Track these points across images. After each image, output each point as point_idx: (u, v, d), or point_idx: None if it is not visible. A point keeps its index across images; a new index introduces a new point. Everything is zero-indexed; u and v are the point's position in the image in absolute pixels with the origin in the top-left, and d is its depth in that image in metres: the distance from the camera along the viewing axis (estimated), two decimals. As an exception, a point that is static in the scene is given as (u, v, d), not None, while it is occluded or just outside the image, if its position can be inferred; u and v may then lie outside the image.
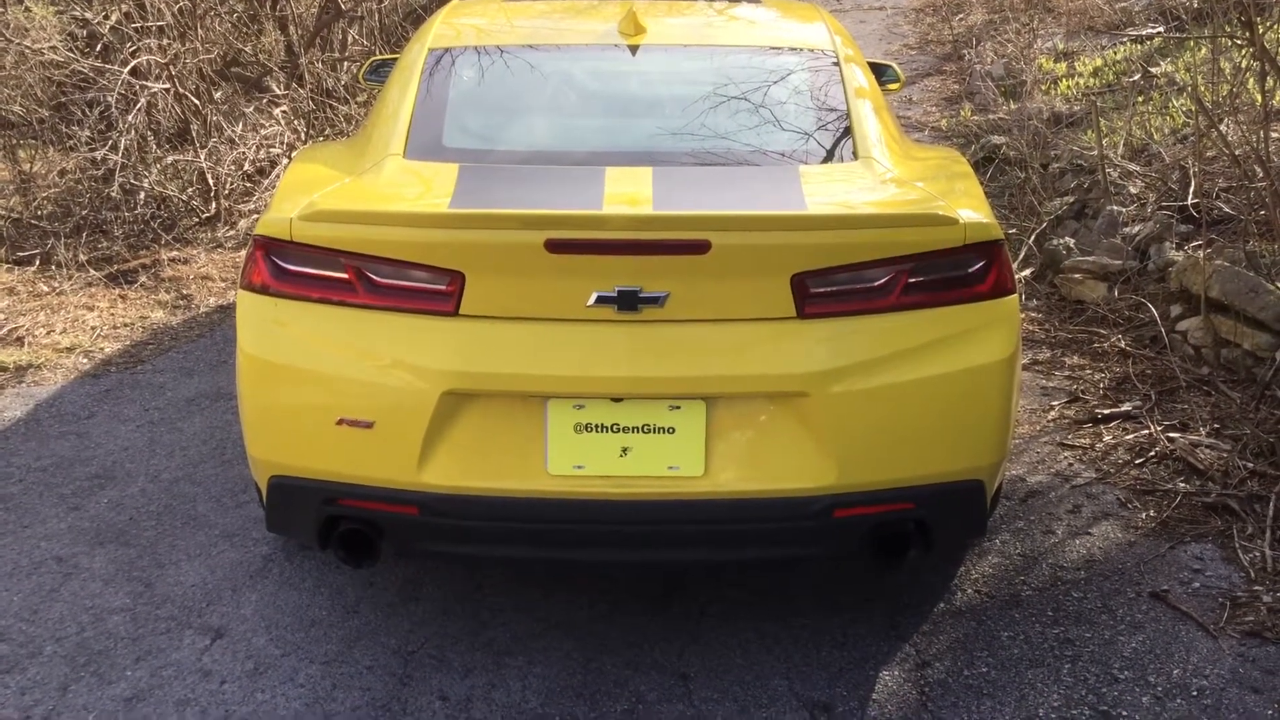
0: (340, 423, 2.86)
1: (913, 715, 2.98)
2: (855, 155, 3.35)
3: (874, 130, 3.45)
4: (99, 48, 7.81)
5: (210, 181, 7.64)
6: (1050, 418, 4.73)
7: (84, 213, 7.19)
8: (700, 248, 2.73)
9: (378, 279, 2.85)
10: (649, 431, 2.83)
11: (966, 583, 3.57)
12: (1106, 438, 4.50)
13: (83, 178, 7.39)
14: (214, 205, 7.60)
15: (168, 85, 7.64)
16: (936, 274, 2.89)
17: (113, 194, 7.23)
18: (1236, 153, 5.60)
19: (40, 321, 5.83)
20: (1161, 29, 9.19)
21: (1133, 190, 6.53)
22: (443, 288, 2.82)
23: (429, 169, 3.22)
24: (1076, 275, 6.08)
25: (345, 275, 2.87)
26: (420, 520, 2.92)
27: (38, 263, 6.64)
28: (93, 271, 6.54)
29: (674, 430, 2.83)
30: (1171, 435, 4.39)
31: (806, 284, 2.81)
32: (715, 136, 3.40)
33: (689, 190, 3.02)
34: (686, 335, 2.81)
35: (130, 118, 7.32)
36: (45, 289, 6.31)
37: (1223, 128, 5.88)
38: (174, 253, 6.97)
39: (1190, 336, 5.15)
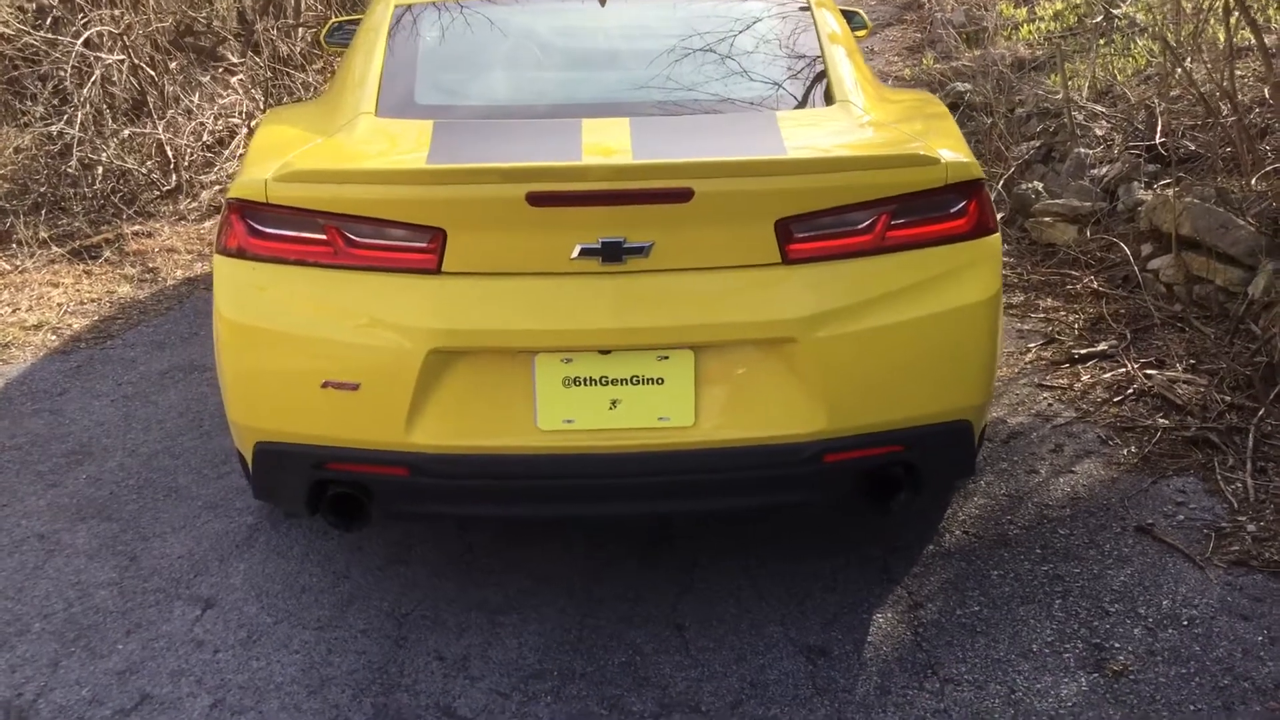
0: (326, 385, 2.83)
1: (908, 655, 3.00)
2: (831, 100, 3.33)
3: (849, 74, 3.43)
4: (49, 21, 7.66)
5: (169, 153, 7.53)
6: (1028, 359, 4.76)
7: (42, 189, 7.06)
8: (683, 196, 2.71)
9: (357, 238, 2.81)
10: (638, 383, 2.82)
11: (954, 524, 3.59)
12: (1084, 377, 4.53)
13: (39, 154, 7.25)
14: (174, 177, 7.49)
15: (122, 57, 7.51)
16: (919, 215, 2.88)
17: (70, 169, 7.10)
18: (1203, 90, 5.63)
19: (4, 300, 5.74)
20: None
21: (1099, 132, 6.55)
22: (424, 245, 2.78)
23: (402, 126, 3.17)
24: (1046, 219, 6.10)
25: (323, 236, 2.83)
26: (410, 481, 2.89)
27: (-3, 241, 6.53)
28: (55, 248, 6.44)
29: (663, 381, 2.82)
30: (1148, 372, 4.42)
31: (790, 229, 2.80)
32: (690, 86, 3.37)
33: (668, 139, 2.99)
34: (672, 284, 2.79)
35: (85, 91, 7.19)
36: (7, 267, 6.21)
37: (1187, 64, 5.91)
38: (136, 226, 6.87)
39: (1162, 274, 5.18)
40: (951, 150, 2.98)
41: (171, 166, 7.52)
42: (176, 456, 4.19)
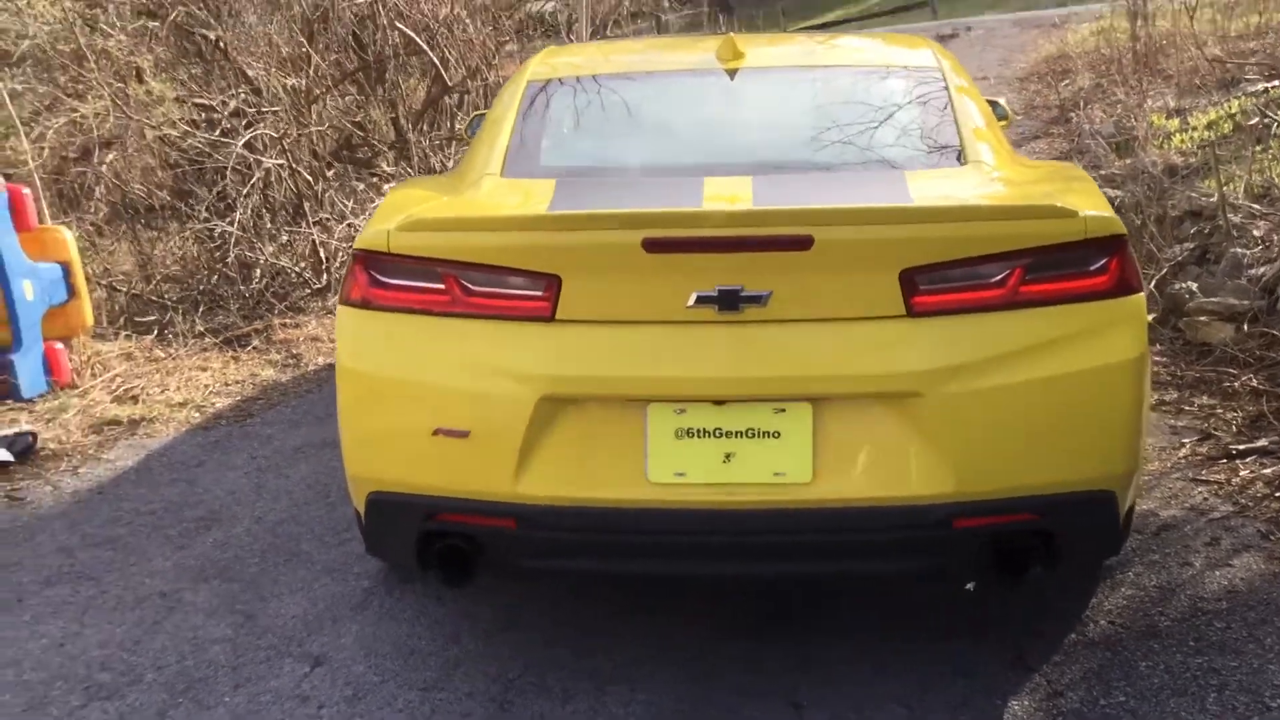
0: (437, 433, 2.81)
1: (1045, 743, 2.77)
2: (963, 161, 3.24)
3: (982, 138, 3.34)
4: (217, 131, 8.08)
5: (322, 254, 7.79)
6: (1181, 454, 4.48)
7: (201, 286, 7.37)
8: (803, 243, 2.63)
9: (474, 286, 2.81)
10: (753, 436, 2.72)
11: (1098, 614, 3.34)
12: (1243, 472, 4.23)
13: (201, 251, 7.58)
14: (325, 276, 7.73)
15: (281, 161, 7.85)
16: (1055, 270, 2.74)
17: (228, 269, 7.40)
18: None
19: (155, 382, 5.94)
20: (1276, 82, 8.93)
21: (1256, 233, 6.27)
22: (539, 293, 2.76)
23: (526, 184, 3.20)
24: (1201, 318, 5.82)
25: (442, 285, 2.83)
26: (517, 534, 2.83)
27: (156, 331, 6.79)
28: (208, 339, 6.67)
29: (779, 435, 2.71)
30: (1315, 467, 4.12)
31: (915, 280, 2.69)
32: (817, 147, 3.33)
33: (790, 190, 2.94)
34: (790, 335, 2.70)
35: (245, 191, 7.53)
36: (161, 354, 6.44)
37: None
38: (285, 319, 7.09)
39: (1330, 372, 4.86)
40: (1093, 207, 2.85)
41: (323, 266, 7.77)
42: (301, 524, 4.21)
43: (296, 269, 7.70)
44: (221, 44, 8.40)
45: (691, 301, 2.69)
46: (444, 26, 9.18)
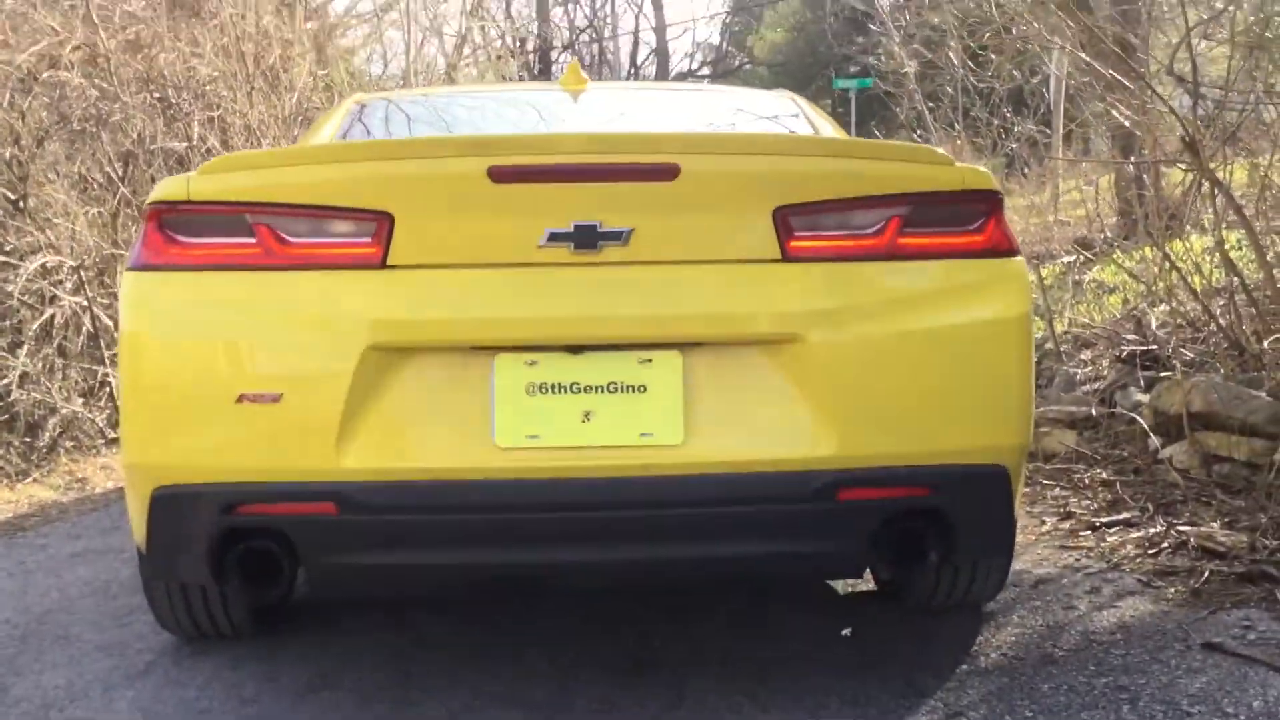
0: (241, 400, 2.37)
1: (953, 756, 2.40)
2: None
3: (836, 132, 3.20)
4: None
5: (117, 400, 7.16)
6: (1044, 530, 4.29)
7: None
8: (668, 172, 2.38)
9: (290, 234, 2.43)
10: (616, 391, 2.38)
11: (987, 648, 3.03)
12: (1110, 539, 4.05)
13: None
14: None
15: (79, 298, 7.29)
16: (934, 224, 2.55)
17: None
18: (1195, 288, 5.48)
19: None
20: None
21: (1084, 356, 6.37)
22: (368, 236, 2.41)
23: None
24: (1042, 428, 5.76)
25: (253, 238, 2.44)
26: (337, 521, 2.38)
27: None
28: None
29: (645, 389, 2.38)
30: (1181, 528, 3.96)
31: (790, 221, 2.45)
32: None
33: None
34: (655, 276, 2.41)
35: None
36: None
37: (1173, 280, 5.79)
38: (74, 458, 6.40)
39: (1175, 461, 4.80)
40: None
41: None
42: (73, 614, 3.58)
43: (89, 415, 7.03)
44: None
45: (544, 240, 2.38)
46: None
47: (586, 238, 2.37)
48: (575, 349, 2.37)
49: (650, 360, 2.38)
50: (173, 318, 2.47)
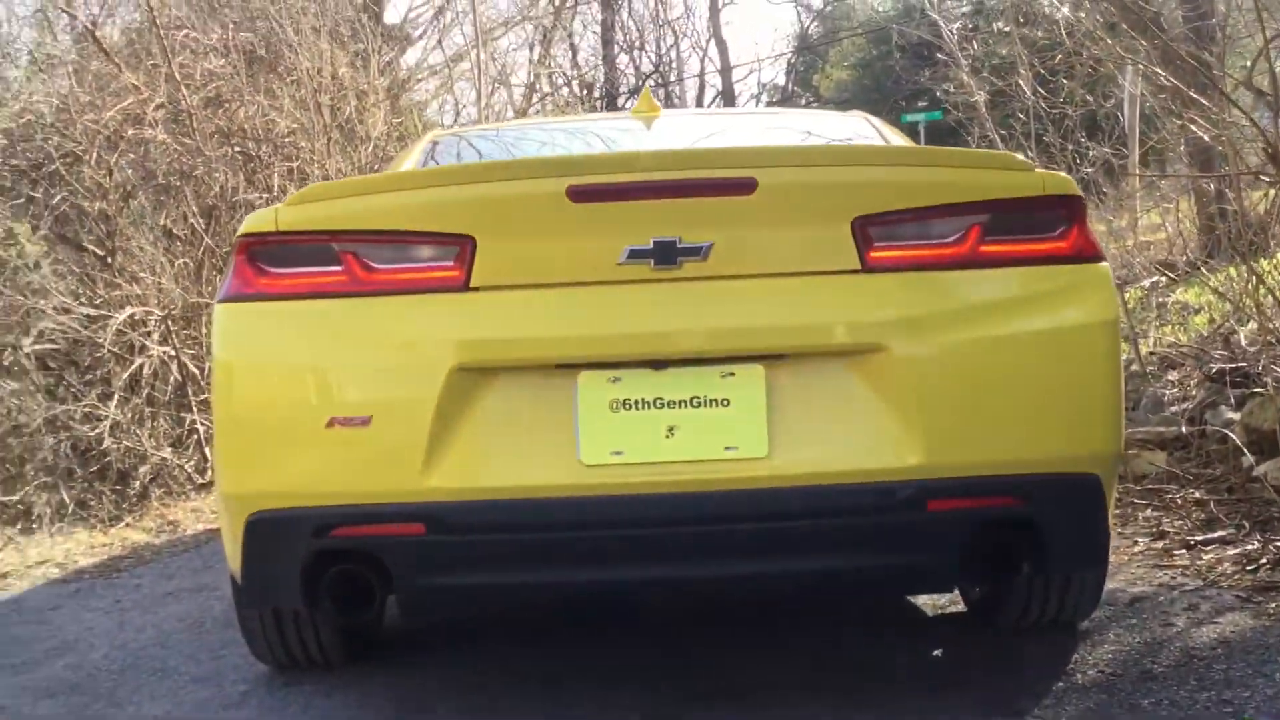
0: (332, 424, 2.42)
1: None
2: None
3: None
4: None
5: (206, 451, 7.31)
6: (1136, 550, 4.20)
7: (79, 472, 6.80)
8: (745, 186, 2.39)
9: (376, 261, 2.49)
10: (699, 405, 2.38)
11: (1084, 666, 2.97)
12: (1206, 557, 3.95)
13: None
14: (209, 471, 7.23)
15: (167, 347, 7.47)
16: (1016, 231, 2.53)
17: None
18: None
19: (14, 547, 5.34)
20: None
21: (1171, 377, 6.25)
22: (450, 259, 2.45)
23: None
24: (1130, 450, 5.65)
25: (339, 265, 2.50)
26: (426, 541, 2.41)
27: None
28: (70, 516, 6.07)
29: (728, 403, 2.38)
30: (1279, 544, 3.85)
31: (869, 231, 2.45)
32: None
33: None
34: (735, 290, 2.41)
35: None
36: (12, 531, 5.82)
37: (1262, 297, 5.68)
38: (165, 504, 6.54)
39: (1270, 478, 4.67)
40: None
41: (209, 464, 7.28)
42: (168, 648, 3.65)
43: (179, 462, 7.18)
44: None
45: (624, 257, 2.40)
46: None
47: (666, 253, 2.39)
48: (658, 365, 2.39)
49: (733, 374, 2.38)
50: (263, 346, 2.53)
